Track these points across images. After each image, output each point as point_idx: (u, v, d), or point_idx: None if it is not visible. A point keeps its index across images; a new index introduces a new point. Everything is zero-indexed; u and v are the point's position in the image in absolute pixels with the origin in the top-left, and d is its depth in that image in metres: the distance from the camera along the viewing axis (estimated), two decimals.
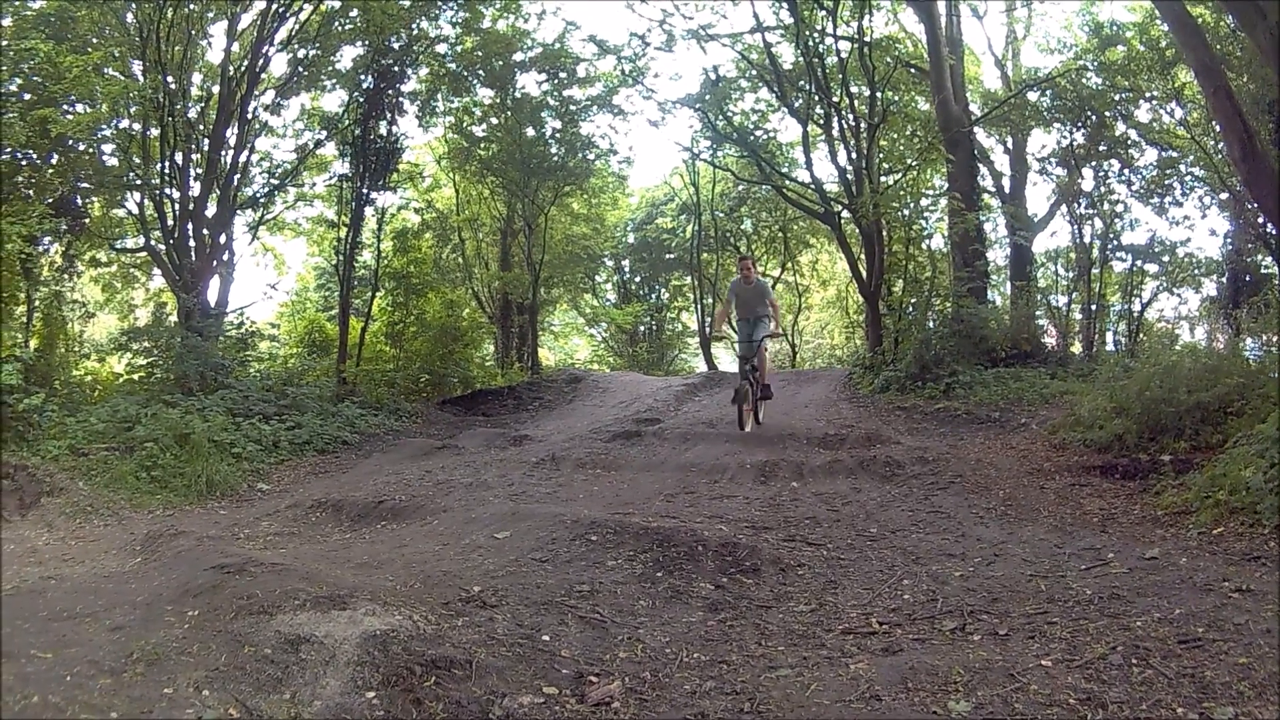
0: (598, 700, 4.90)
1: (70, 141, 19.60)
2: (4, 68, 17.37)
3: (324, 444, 17.37)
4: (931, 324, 19.91)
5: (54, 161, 19.26)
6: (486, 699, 4.94)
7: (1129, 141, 23.38)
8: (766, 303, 15.85)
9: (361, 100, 24.38)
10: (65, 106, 18.83)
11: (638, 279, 40.24)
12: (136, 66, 21.23)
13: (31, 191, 18.58)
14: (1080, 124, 23.20)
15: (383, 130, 24.56)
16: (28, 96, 18.04)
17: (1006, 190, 26.90)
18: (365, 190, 24.82)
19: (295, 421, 17.81)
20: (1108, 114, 22.91)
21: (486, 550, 8.08)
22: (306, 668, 5.30)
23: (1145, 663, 4.59)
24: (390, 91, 24.59)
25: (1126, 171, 23.45)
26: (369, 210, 25.84)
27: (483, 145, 30.32)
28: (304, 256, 34.85)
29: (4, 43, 17.88)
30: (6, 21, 18.54)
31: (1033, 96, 23.59)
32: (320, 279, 33.91)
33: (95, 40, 19.84)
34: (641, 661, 5.45)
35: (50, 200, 18.46)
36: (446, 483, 12.74)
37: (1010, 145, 26.23)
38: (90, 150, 20.96)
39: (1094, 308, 22.80)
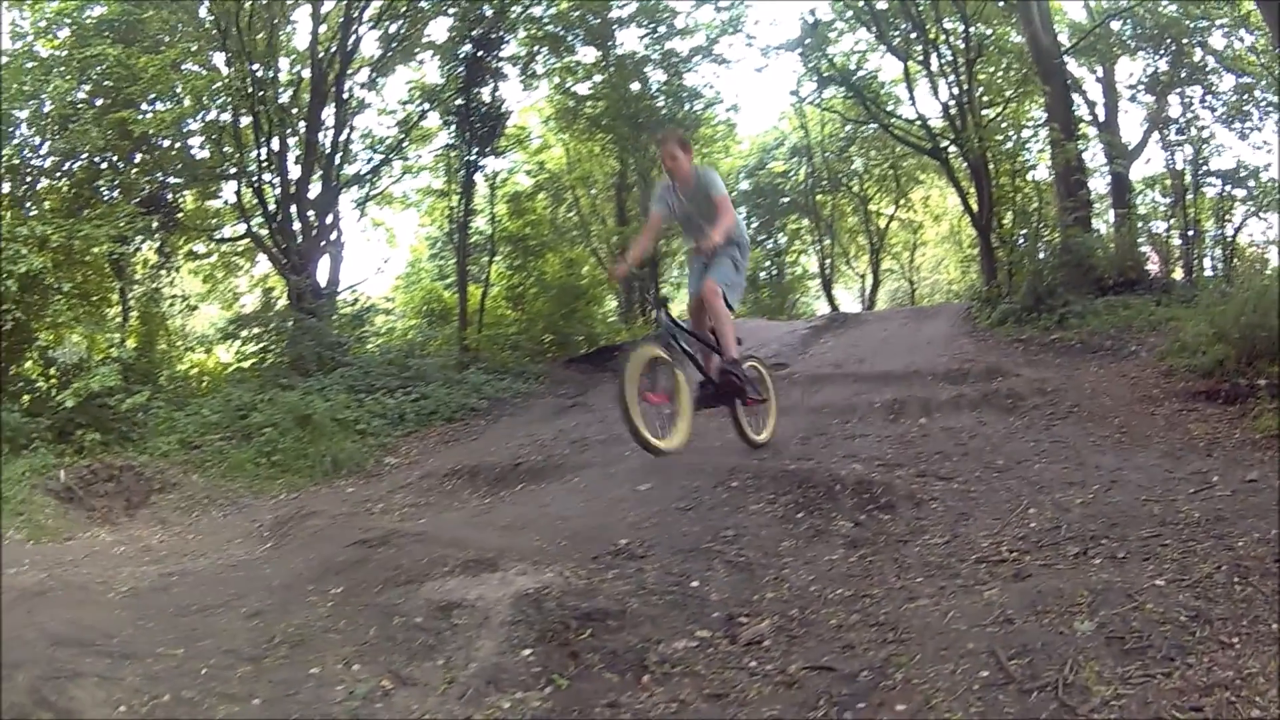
0: (749, 640, 5.08)
1: (155, 139, 19.70)
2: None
3: (451, 412, 17.21)
4: (1042, 255, 19.71)
5: (137, 161, 19.37)
6: (642, 646, 5.06)
7: (1207, 68, 23.15)
8: (719, 213, 9.74)
9: (461, 69, 24.13)
10: (144, 106, 18.91)
11: (754, 224, 39.99)
12: (218, 58, 21.26)
13: (117, 193, 18.67)
14: (1162, 52, 23.01)
15: (485, 97, 24.30)
16: (100, 101, 18.13)
17: (1101, 119, 26.71)
18: (473, 157, 24.60)
19: (420, 393, 17.72)
20: (1185, 41, 22.68)
21: (630, 503, 8.17)
22: (460, 632, 5.37)
23: (1246, 581, 4.74)
24: (489, 58, 24.27)
25: (1209, 98, 23.25)
26: (479, 176, 25.52)
27: (589, 104, 29.96)
28: (415, 228, 34.78)
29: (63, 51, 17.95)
30: (64, 33, 18.60)
31: (1116, 25, 23.40)
32: (434, 249, 33.90)
33: (167, 39, 19.89)
34: (788, 600, 5.62)
35: (138, 200, 18.60)
36: (581, 440, 12.83)
37: (1101, 74, 26.04)
38: (177, 146, 21.08)
39: (1190, 234, 22.63)
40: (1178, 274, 21.59)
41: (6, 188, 17.94)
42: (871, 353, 17.32)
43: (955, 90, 23.58)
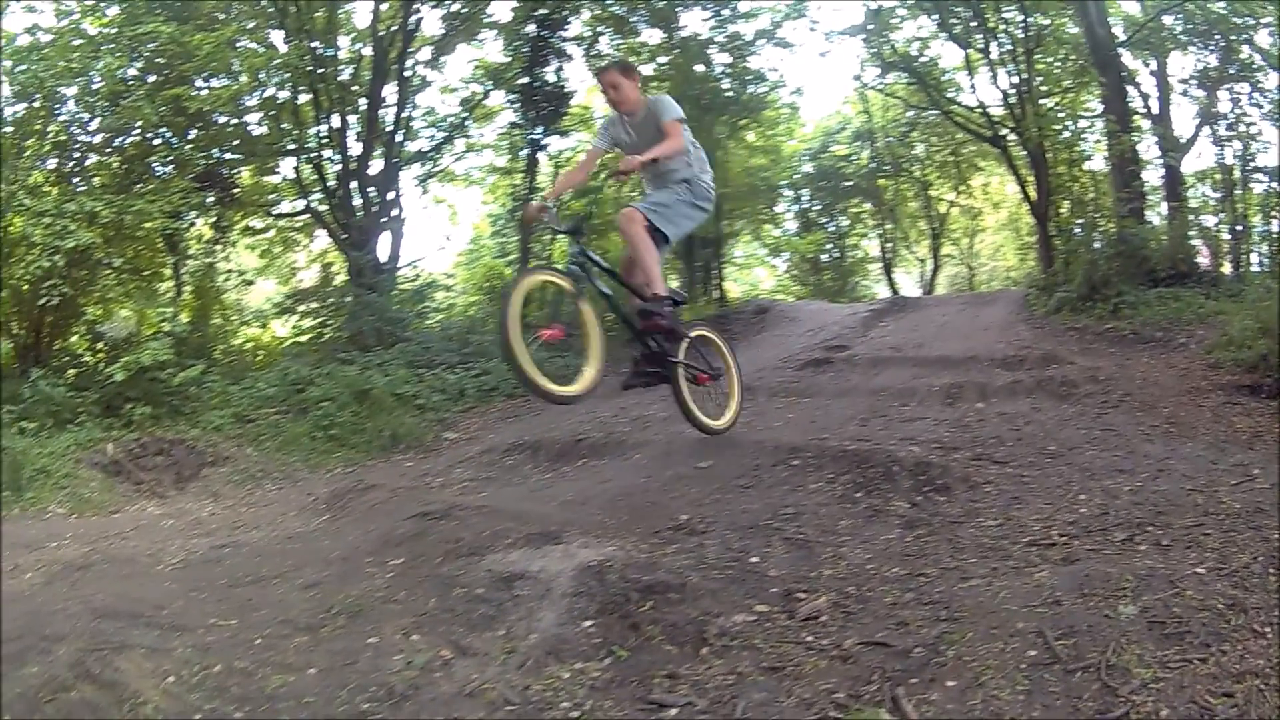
0: (807, 615, 5.15)
1: (211, 116, 19.58)
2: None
3: (512, 388, 16.88)
4: (1097, 245, 19.65)
5: (192, 137, 19.20)
6: (701, 619, 5.11)
7: (1254, 65, 23.00)
8: (665, 138, 8.49)
9: (526, 49, 24.12)
10: (199, 83, 18.90)
11: (817, 207, 39.87)
12: (275, 36, 21.20)
13: (171, 168, 18.61)
14: (1211, 47, 22.86)
15: (549, 76, 24.32)
16: (153, 78, 18.08)
17: (1155, 112, 26.62)
18: (537, 136, 24.65)
19: (481, 368, 17.62)
20: (1233, 38, 22.53)
21: (691, 480, 8.28)
22: (521, 603, 5.42)
23: None
24: (553, 37, 24.33)
25: (1256, 94, 23.08)
26: (542, 155, 25.48)
27: (653, 84, 29.38)
28: (478, 205, 34.78)
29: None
30: (114, 10, 18.45)
31: (1168, 20, 23.30)
32: (496, 226, 33.77)
33: (222, 16, 19.85)
34: (845, 577, 5.68)
35: (193, 175, 18.57)
36: (643, 418, 12.76)
37: (1155, 68, 25.94)
38: (234, 122, 21.03)
39: (1239, 229, 22.48)
40: (1226, 268, 21.47)
41: (53, 164, 17.94)
42: (930, 337, 17.25)
43: (1014, 79, 23.59)
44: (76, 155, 17.88)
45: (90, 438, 12.33)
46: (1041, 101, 23.75)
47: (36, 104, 17.01)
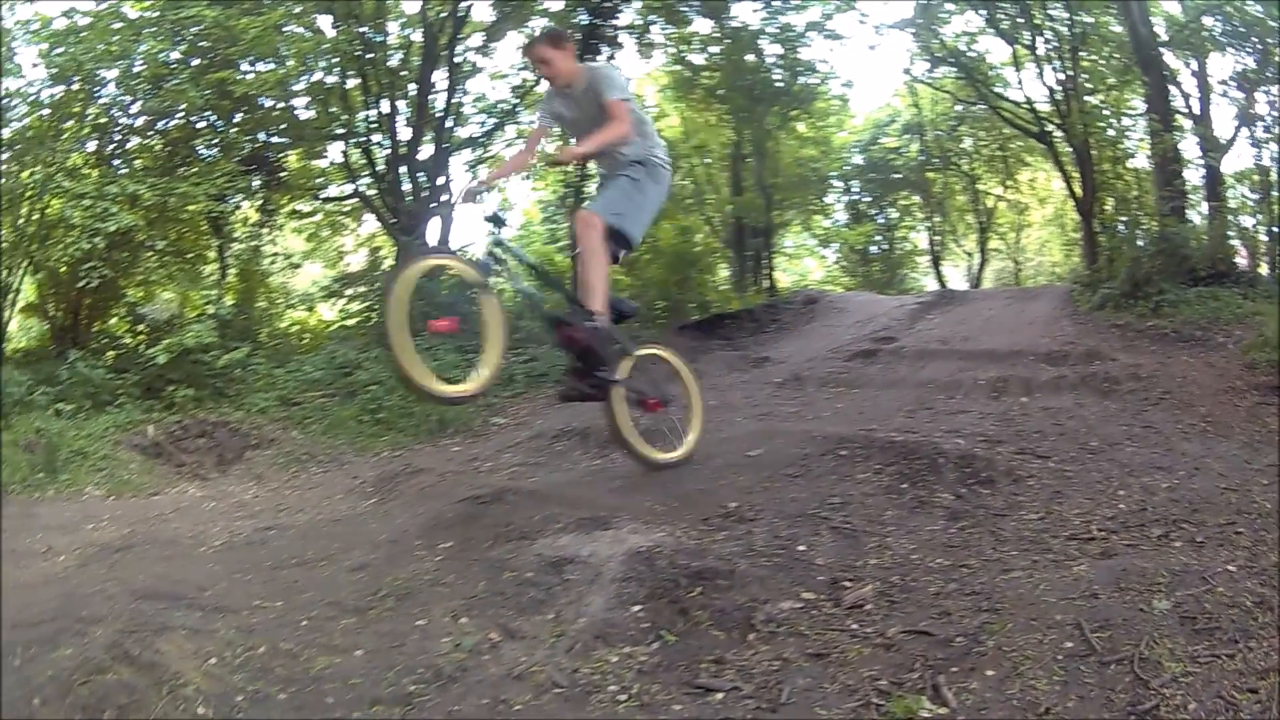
0: (852, 603, 5.18)
1: (257, 99, 19.29)
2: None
3: (562, 375, 16.91)
4: (1140, 243, 19.55)
5: (238, 120, 19.02)
6: (749, 606, 5.14)
7: None
8: (608, 118, 7.60)
9: (577, 37, 23.45)
10: (244, 66, 18.67)
11: (867, 199, 39.75)
12: (322, 21, 20.82)
13: (217, 151, 18.43)
14: (1248, 49, 22.72)
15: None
16: (196, 62, 17.83)
17: (1195, 112, 26.50)
18: None
19: (531, 354, 17.61)
20: (1270, 40, 22.37)
21: (740, 468, 8.23)
22: (571, 587, 5.45)
23: None
24: (605, 25, 24.26)
25: None
26: None
27: (704, 74, 29.65)
28: (529, 191, 34.66)
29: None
30: None
31: (1207, 21, 23.15)
32: (546, 213, 33.67)
33: (267, 0, 19.21)
34: (890, 567, 5.72)
35: (238, 158, 18.40)
36: None
37: (1196, 68, 25.82)
38: (281, 106, 20.75)
39: (1276, 230, 22.34)
40: (1264, 269, 21.36)
41: (92, 146, 17.82)
42: (977, 331, 17.22)
43: (1060, 76, 23.56)
44: (118, 138, 17.83)
45: (130, 420, 12.36)
46: (1086, 99, 23.67)
47: (75, 87, 16.88)
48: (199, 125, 18.54)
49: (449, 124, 23.41)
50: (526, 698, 4.36)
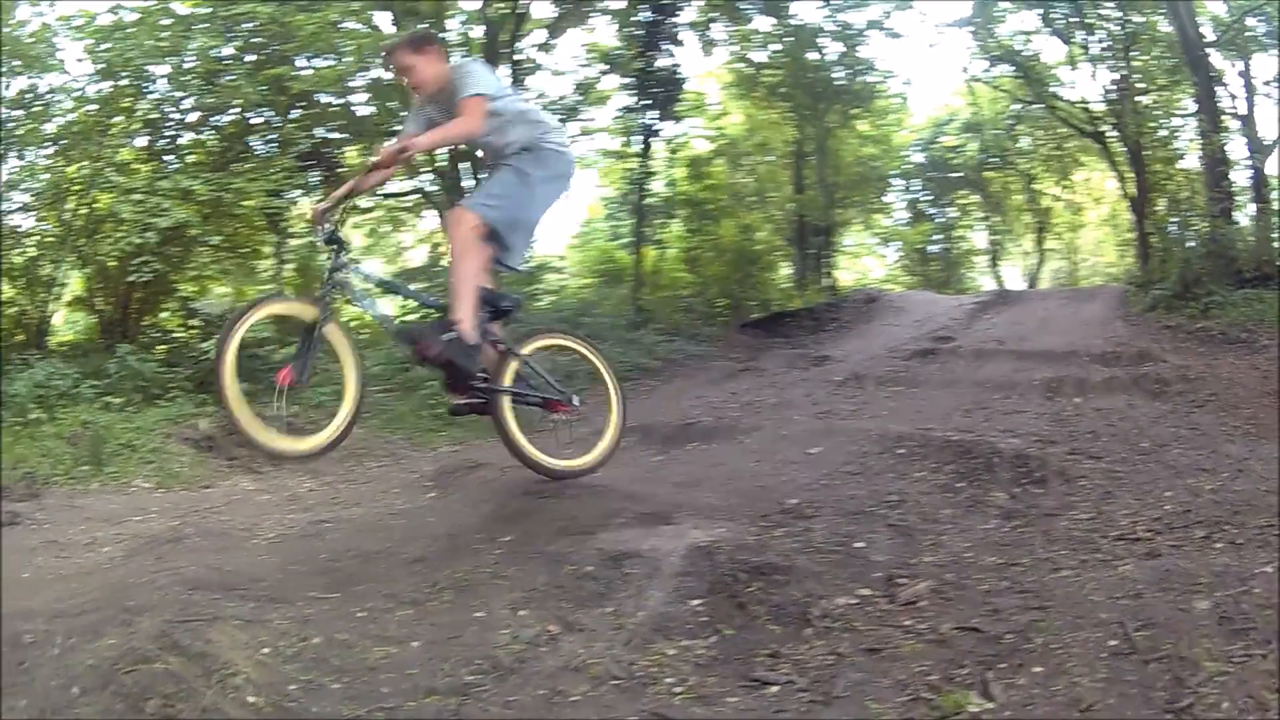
0: (907, 600, 5.21)
1: (314, 95, 19.21)
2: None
3: (623, 371, 16.20)
4: (1190, 244, 19.48)
5: (295, 116, 18.71)
6: (806, 601, 5.15)
7: None
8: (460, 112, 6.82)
9: (640, 33, 23.93)
10: (300, 62, 18.56)
11: (926, 198, 39.61)
12: (379, 17, 20.92)
13: (275, 147, 18.28)
14: None
15: (663, 62, 24.14)
16: (250, 58, 17.72)
17: (1241, 113, 26.31)
18: (651, 121, 24.55)
19: None
20: None
21: (800, 465, 8.35)
22: (631, 581, 5.38)
23: None
24: (666, 23, 24.16)
25: None
26: (657, 140, 25.34)
27: (766, 72, 29.66)
28: (592, 188, 34.66)
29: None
30: None
31: (1250, 21, 22.95)
32: (609, 209, 33.57)
33: None
34: (944, 565, 5.75)
35: (295, 154, 18.08)
36: (754, 403, 12.97)
37: (1242, 69, 25.62)
38: (339, 102, 20.52)
39: None
40: None
41: (142, 141, 17.70)
42: (1032, 331, 17.28)
43: (1114, 75, 23.49)
44: (169, 133, 17.70)
45: (181, 413, 12.24)
46: (1139, 98, 23.58)
47: (124, 82, 16.68)
48: (254, 121, 18.45)
49: None
50: (583, 689, 4.34)
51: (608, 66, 25.44)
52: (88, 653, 4.28)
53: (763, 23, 28.25)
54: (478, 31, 23.10)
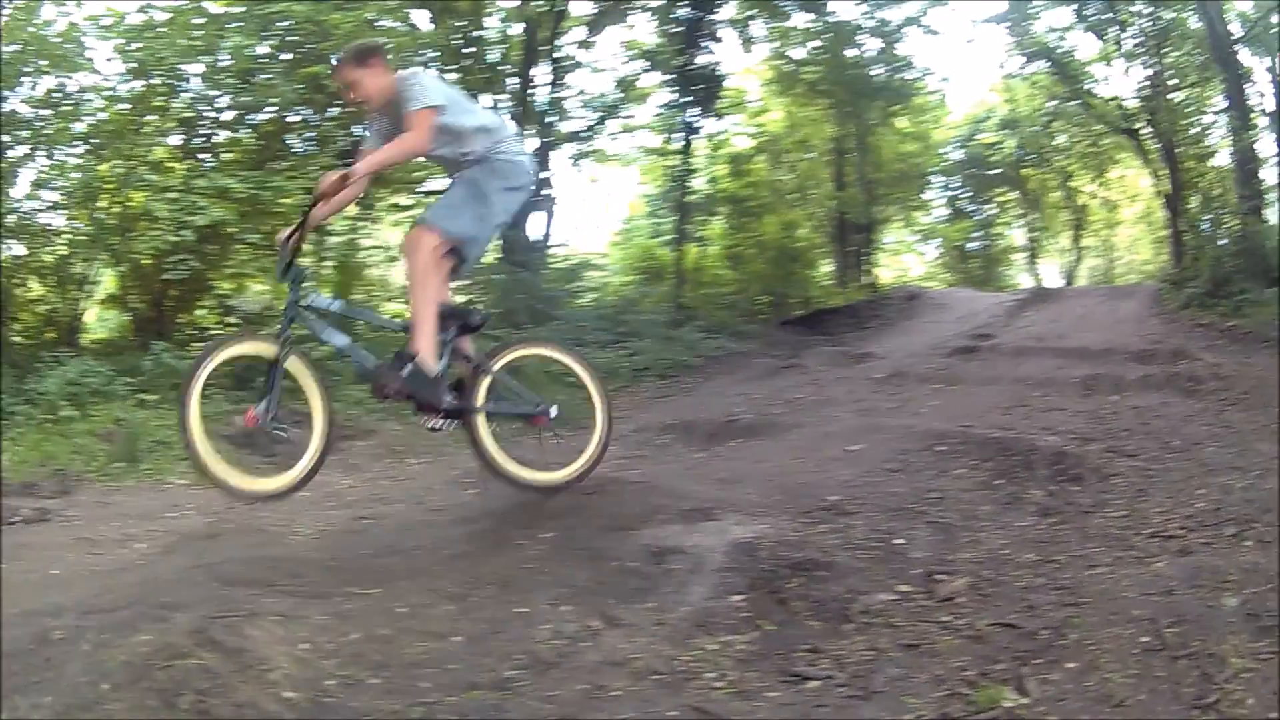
0: (945, 596, 5.23)
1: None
2: None
3: (664, 369, 17.05)
4: (1222, 242, 19.40)
5: (333, 115, 18.14)
6: (846, 597, 5.15)
7: None
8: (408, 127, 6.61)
9: (679, 30, 23.89)
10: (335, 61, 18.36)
11: (965, 195, 39.56)
12: (417, 16, 20.65)
13: (314, 145, 18.14)
14: None
15: (703, 59, 24.05)
16: (286, 57, 17.53)
17: (1270, 109, 26.16)
18: (692, 118, 24.51)
19: (634, 348, 17.56)
20: None
21: (841, 462, 8.34)
22: (673, 577, 5.38)
23: None
24: (706, 20, 24.06)
25: None
26: (698, 137, 25.32)
27: (805, 69, 29.70)
28: (633, 185, 34.64)
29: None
30: None
31: (1276, 19, 22.84)
32: (651, 207, 33.33)
33: None
34: (982, 561, 5.77)
35: (335, 152, 17.56)
36: (795, 400, 12.96)
37: (1270, 65, 25.50)
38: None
39: None
40: None
41: (176, 140, 17.51)
42: (1070, 328, 17.32)
43: (1147, 72, 23.43)
44: (204, 132, 17.54)
45: (219, 410, 11.42)
46: (1170, 95, 23.50)
47: (156, 81, 16.56)
48: (291, 119, 18.26)
49: (551, 118, 23.44)
50: (624, 683, 4.30)
51: (648, 63, 25.55)
52: (120, 649, 4.21)
53: (801, 19, 28.39)
54: (516, 29, 23.26)
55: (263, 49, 17.26)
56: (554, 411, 7.16)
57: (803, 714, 4.06)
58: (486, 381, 6.99)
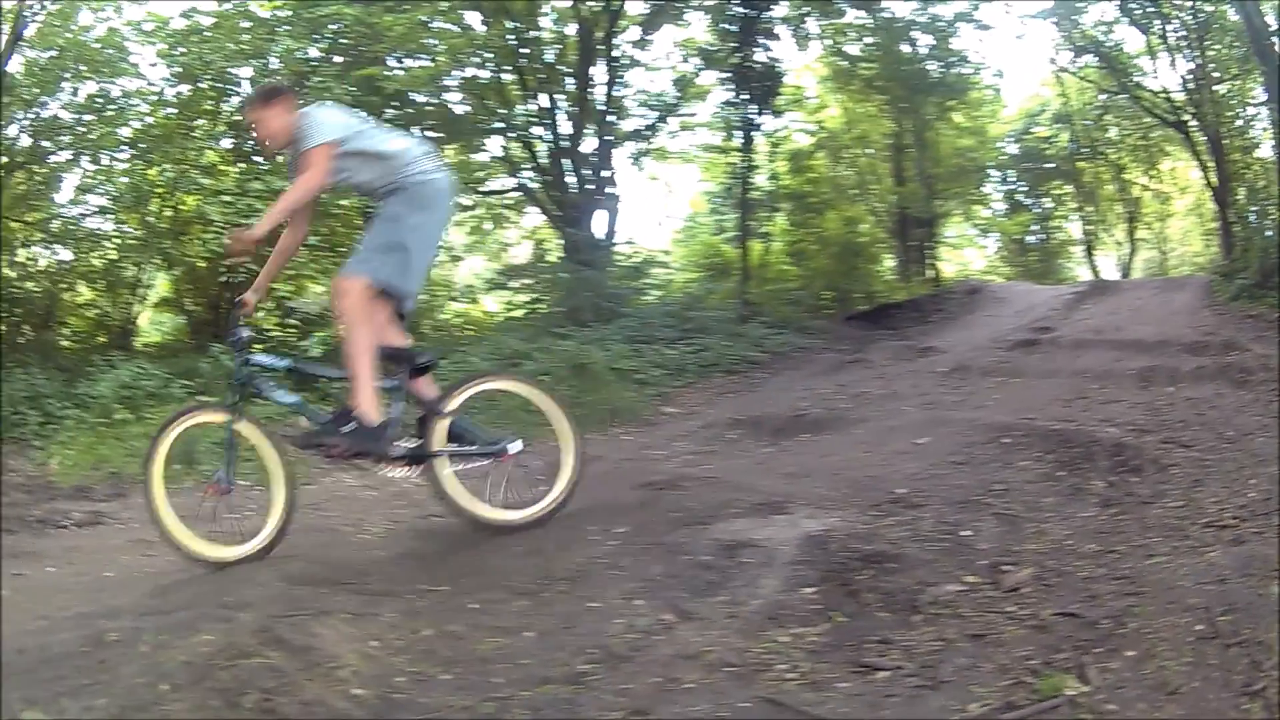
0: (1011, 586, 5.28)
1: (409, 94, 19.02)
2: None
3: (731, 364, 17.02)
4: (1269, 233, 19.28)
5: (390, 117, 17.80)
6: (915, 588, 5.20)
7: None
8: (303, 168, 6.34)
9: (735, 28, 23.70)
10: (391, 63, 18.41)
11: (1023, 189, 39.44)
12: (470, 16, 20.79)
13: None
14: None
15: (760, 56, 23.90)
16: (338, 59, 17.65)
17: None
18: (751, 115, 24.34)
19: (700, 344, 17.49)
20: None
21: (908, 455, 8.43)
22: (745, 570, 5.37)
23: None
24: (761, 17, 23.91)
25: None
26: (758, 134, 25.15)
27: (861, 65, 29.64)
28: (695, 183, 34.61)
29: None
30: None
31: None
32: (712, 204, 33.18)
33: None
34: (1046, 552, 5.84)
35: None
36: (861, 395, 13.03)
37: None
38: (435, 101, 20.42)
39: None
40: None
41: (228, 143, 17.64)
42: (1126, 321, 17.31)
43: (1191, 65, 23.33)
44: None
45: (279, 411, 11.26)
46: (1215, 88, 23.38)
47: (204, 85, 16.74)
48: None
49: (610, 117, 23.35)
50: (697, 676, 4.27)
51: (704, 62, 25.51)
52: (181, 649, 4.18)
53: (854, 16, 28.32)
54: (571, 29, 23.26)
55: (314, 52, 17.48)
56: (517, 446, 6.82)
57: (873, 704, 4.11)
58: (444, 424, 6.69)
